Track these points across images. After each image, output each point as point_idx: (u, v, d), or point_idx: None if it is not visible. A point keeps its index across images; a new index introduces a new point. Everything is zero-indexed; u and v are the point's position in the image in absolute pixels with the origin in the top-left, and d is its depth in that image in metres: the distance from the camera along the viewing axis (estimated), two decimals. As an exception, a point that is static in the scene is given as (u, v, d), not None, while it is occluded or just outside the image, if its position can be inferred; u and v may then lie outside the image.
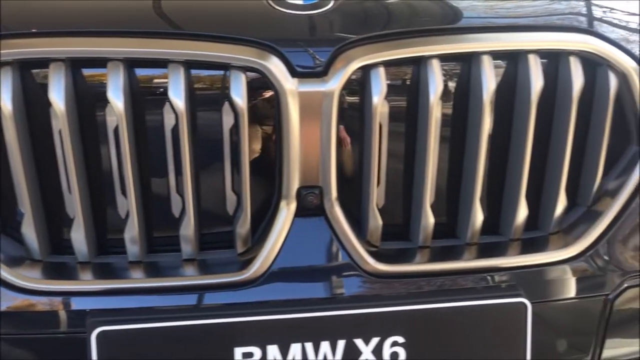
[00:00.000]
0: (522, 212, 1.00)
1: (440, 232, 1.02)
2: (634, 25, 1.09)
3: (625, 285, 1.02)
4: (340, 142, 0.96)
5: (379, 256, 0.96)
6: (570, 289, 1.01)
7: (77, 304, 0.93)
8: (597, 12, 1.07)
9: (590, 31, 1.01)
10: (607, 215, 1.02)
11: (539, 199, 1.04)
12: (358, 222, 0.99)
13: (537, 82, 0.96)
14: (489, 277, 0.98)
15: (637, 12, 1.16)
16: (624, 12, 1.12)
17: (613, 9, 1.10)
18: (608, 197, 1.04)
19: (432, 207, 0.98)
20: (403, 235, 1.02)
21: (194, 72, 0.92)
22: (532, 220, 1.04)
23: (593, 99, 1.02)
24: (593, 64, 1.01)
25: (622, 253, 1.03)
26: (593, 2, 1.08)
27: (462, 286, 0.97)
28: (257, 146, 0.96)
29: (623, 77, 1.01)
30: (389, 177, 0.98)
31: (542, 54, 0.98)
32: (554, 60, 1.00)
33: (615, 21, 1.07)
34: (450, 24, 1.00)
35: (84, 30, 0.90)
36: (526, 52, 0.97)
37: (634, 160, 1.05)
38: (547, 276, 1.00)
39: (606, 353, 1.03)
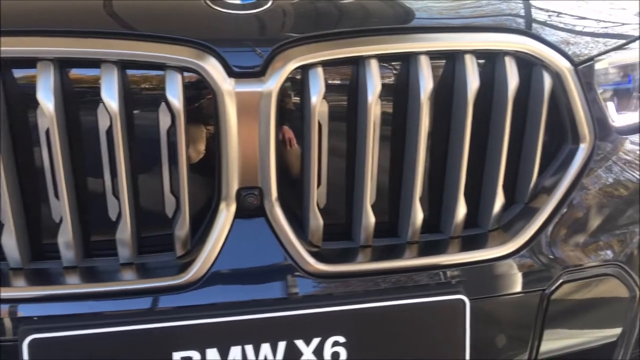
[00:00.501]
0: (461, 210, 1.02)
1: (382, 231, 1.02)
2: (571, 28, 1.12)
3: (562, 280, 1.04)
4: (282, 143, 0.96)
5: (320, 256, 0.96)
6: (510, 285, 1.03)
7: (10, 311, 0.90)
8: (536, 14, 1.09)
9: (525, 32, 1.03)
10: (544, 212, 1.04)
11: (479, 197, 1.06)
12: (300, 223, 0.99)
13: (473, 82, 0.97)
14: (429, 275, 0.99)
15: (577, 15, 1.19)
16: (564, 14, 1.14)
17: (553, 11, 1.13)
18: (545, 194, 1.06)
19: (373, 206, 0.98)
20: (345, 235, 1.02)
21: (130, 72, 0.90)
22: (472, 218, 1.06)
23: (529, 98, 1.04)
24: (529, 65, 1.04)
25: (559, 248, 1.05)
26: (534, 3, 1.11)
27: (403, 285, 0.98)
28: (196, 147, 0.94)
29: (558, 78, 1.04)
30: (330, 177, 0.98)
31: (479, 54, 1.00)
32: (491, 61, 1.02)
33: (553, 23, 1.10)
34: (394, 24, 1.00)
35: (13, 30, 0.87)
36: (463, 53, 0.98)
37: (569, 158, 1.08)
38: (487, 273, 1.01)
39: (544, 347, 1.05)
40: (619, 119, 1.18)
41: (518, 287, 1.03)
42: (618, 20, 1.32)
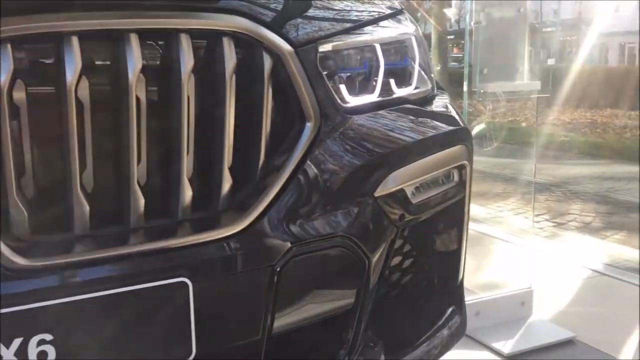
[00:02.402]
0: (187, 193, 1.00)
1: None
2: (296, 10, 1.16)
3: (291, 254, 1.07)
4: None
5: (25, 251, 0.88)
6: (238, 264, 1.03)
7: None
8: None
9: (245, 14, 1.04)
10: (272, 190, 1.06)
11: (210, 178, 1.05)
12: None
13: (188, 62, 0.96)
14: (153, 261, 0.96)
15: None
16: None
17: None
18: (274, 172, 1.08)
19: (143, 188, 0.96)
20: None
21: None
22: (204, 199, 1.05)
23: (252, 80, 1.06)
24: (252, 47, 1.05)
25: (287, 224, 1.08)
26: None
27: (125, 272, 0.94)
28: None
29: (279, 59, 1.06)
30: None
31: (198, 34, 0.99)
32: (212, 42, 1.02)
33: (276, 6, 1.13)
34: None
35: None
36: (178, 32, 0.97)
37: (296, 137, 1.11)
38: (214, 253, 1.01)
39: (278, 322, 1.07)
40: (353, 100, 1.24)
41: (247, 265, 1.04)
42: (355, 5, 1.40)
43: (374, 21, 1.37)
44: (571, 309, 2.63)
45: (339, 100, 1.19)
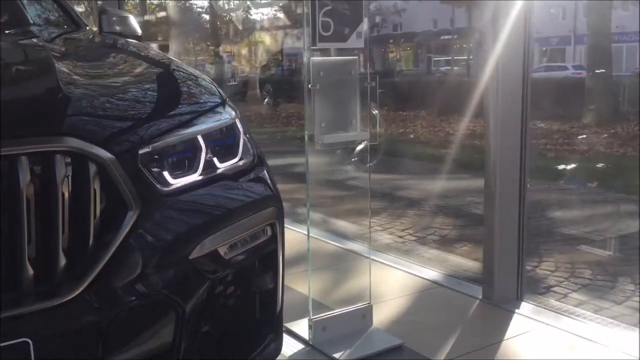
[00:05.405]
0: (29, 272, 1.34)
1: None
2: (119, 126, 1.52)
3: (116, 311, 1.43)
4: None
5: None
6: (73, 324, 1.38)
7: None
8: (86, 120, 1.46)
9: (77, 135, 1.40)
10: (99, 264, 1.41)
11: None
12: None
13: (26, 177, 1.30)
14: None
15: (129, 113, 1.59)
16: (113, 116, 1.56)
17: (101, 115, 1.53)
18: (103, 249, 1.43)
19: None
20: None
21: None
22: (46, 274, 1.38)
23: (83, 181, 1.41)
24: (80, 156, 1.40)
25: (113, 289, 1.43)
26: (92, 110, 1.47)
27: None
28: None
29: (102, 165, 1.42)
30: None
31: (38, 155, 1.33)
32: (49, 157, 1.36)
33: (102, 126, 1.48)
34: None
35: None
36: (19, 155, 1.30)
37: (120, 221, 1.46)
38: (54, 317, 1.35)
39: (107, 363, 1.43)
40: (176, 181, 1.61)
41: (80, 322, 1.39)
42: (178, 106, 1.78)
43: (195, 117, 1.75)
44: (406, 319, 3.12)
45: (159, 186, 1.56)
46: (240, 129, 1.91)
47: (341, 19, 2.69)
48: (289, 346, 2.81)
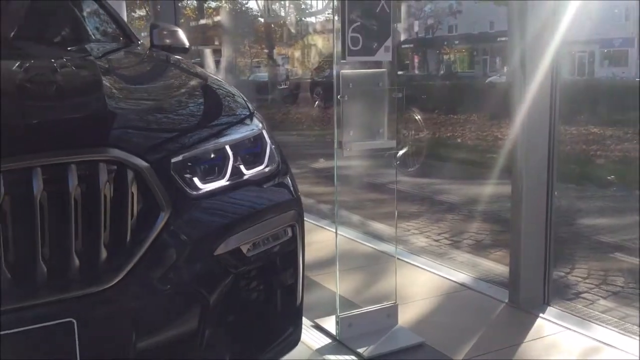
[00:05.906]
0: (75, 262, 1.57)
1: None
2: (155, 138, 1.74)
3: (149, 299, 1.65)
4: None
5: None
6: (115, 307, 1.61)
7: None
8: (128, 131, 1.69)
9: (116, 146, 1.63)
10: (135, 257, 1.63)
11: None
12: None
13: (74, 181, 1.53)
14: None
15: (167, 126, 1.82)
16: (151, 128, 1.78)
17: (141, 127, 1.74)
18: (138, 245, 1.65)
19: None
20: None
21: None
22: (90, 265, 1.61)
23: (122, 185, 1.63)
24: (120, 164, 1.62)
25: (146, 280, 1.65)
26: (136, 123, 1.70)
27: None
28: None
29: (139, 172, 1.64)
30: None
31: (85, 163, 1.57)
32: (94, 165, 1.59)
33: (140, 137, 1.71)
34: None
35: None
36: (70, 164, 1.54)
37: (154, 221, 1.68)
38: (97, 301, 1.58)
39: (142, 344, 1.65)
40: (205, 186, 1.83)
41: (120, 306, 1.61)
42: (208, 118, 1.99)
43: (224, 129, 1.96)
44: (431, 319, 3.26)
45: (189, 190, 1.77)
46: (267, 139, 2.11)
47: (369, 34, 2.86)
48: (318, 340, 2.99)
